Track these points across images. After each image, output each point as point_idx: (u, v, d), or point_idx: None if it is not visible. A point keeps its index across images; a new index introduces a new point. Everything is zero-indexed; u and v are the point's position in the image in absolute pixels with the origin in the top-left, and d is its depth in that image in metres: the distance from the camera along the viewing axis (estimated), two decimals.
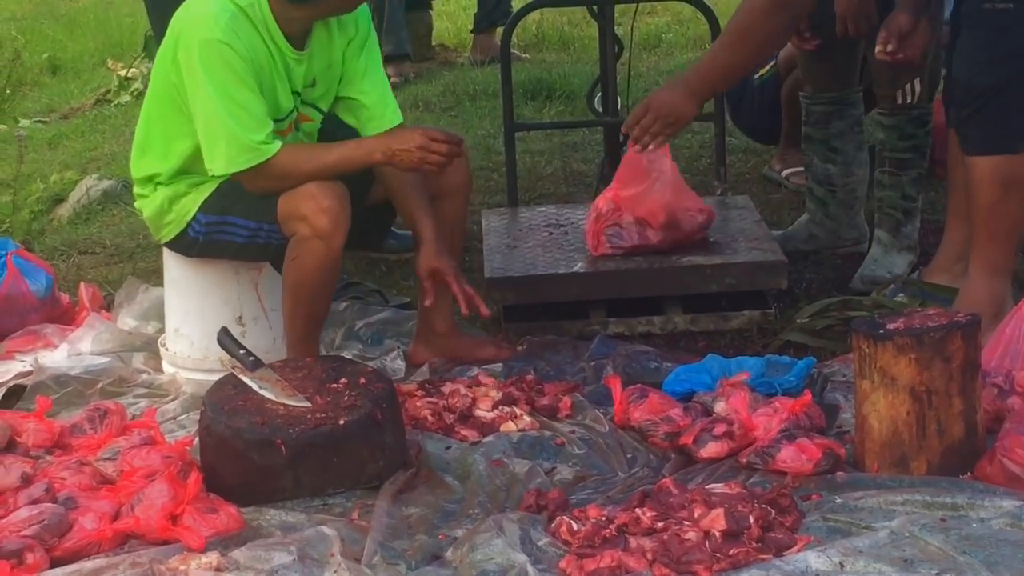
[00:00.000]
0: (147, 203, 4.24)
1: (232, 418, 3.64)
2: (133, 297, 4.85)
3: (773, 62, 5.89)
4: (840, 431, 3.83)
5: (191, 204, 4.16)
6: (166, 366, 4.47)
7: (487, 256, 4.76)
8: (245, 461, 3.59)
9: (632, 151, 4.57)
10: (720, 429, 3.74)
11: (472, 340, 4.48)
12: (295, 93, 4.13)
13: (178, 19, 4.07)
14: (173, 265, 4.39)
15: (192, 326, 4.38)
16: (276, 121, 4.05)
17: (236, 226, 4.13)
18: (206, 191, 4.14)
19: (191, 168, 4.14)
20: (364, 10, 4.22)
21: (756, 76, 5.89)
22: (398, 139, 4.05)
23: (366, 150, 4.05)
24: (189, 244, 4.23)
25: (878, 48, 4.47)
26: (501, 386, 4.12)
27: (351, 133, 4.22)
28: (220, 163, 4.00)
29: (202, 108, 3.98)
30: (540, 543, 3.30)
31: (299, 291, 4.05)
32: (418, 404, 4.02)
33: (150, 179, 4.21)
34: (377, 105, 4.23)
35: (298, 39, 4.09)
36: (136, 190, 4.30)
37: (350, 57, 4.21)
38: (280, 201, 4.01)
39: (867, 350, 3.52)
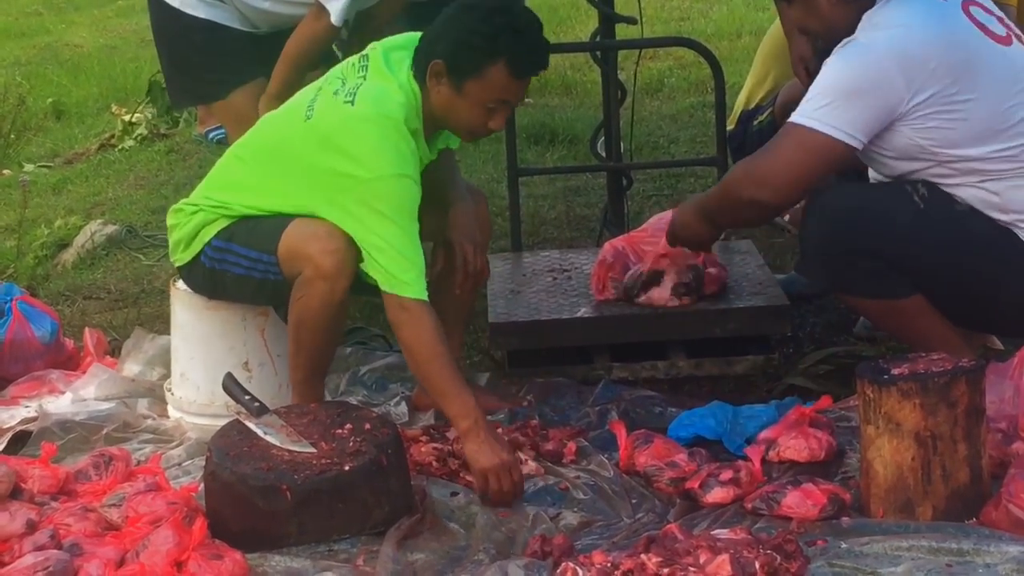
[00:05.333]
0: (178, 228, 4.21)
1: (237, 464, 3.64)
2: (140, 346, 4.85)
3: (770, 109, 5.91)
4: (845, 476, 3.83)
5: (212, 230, 4.15)
6: (171, 411, 4.48)
7: (491, 301, 4.77)
8: (250, 507, 3.59)
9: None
10: (726, 475, 3.74)
11: (475, 389, 4.47)
12: None
13: (357, 137, 3.90)
14: (180, 309, 4.40)
15: (198, 371, 4.38)
16: None
17: (237, 255, 4.11)
18: (228, 221, 4.14)
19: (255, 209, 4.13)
20: None
21: (755, 122, 5.90)
22: (498, 446, 3.81)
23: (463, 412, 3.83)
24: (197, 269, 4.22)
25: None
26: (506, 431, 4.11)
27: None
28: (415, 288, 3.87)
29: (386, 238, 3.86)
30: None
31: (301, 332, 4.05)
32: (423, 450, 4.02)
33: (221, 206, 4.14)
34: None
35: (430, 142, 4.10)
36: (172, 220, 4.25)
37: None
38: (284, 236, 3.99)
39: (871, 395, 3.52)
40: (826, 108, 3.87)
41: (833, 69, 3.93)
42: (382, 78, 3.99)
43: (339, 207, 3.92)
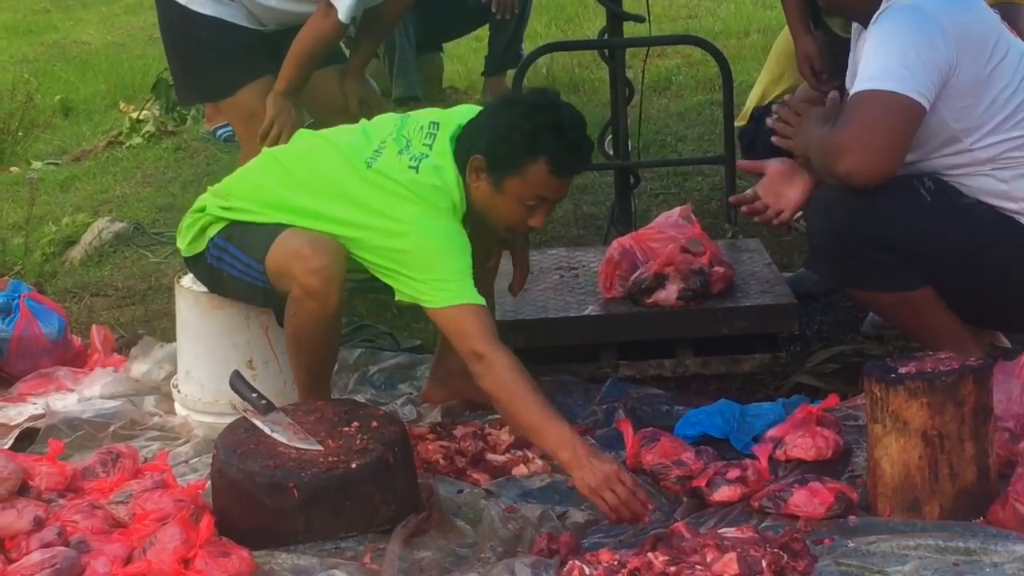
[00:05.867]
0: (191, 221, 4.21)
1: (244, 461, 3.64)
2: (148, 353, 4.85)
3: None
4: (852, 475, 3.83)
5: (218, 227, 4.14)
6: (178, 408, 4.48)
7: (498, 299, 4.75)
8: (257, 504, 3.60)
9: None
10: (733, 473, 3.74)
11: None
12: None
13: (417, 197, 3.89)
14: (185, 308, 4.41)
15: (203, 369, 4.39)
16: None
17: (233, 256, 4.10)
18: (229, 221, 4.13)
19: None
20: None
21: (767, 119, 5.90)
22: (599, 463, 3.63)
23: (559, 443, 3.66)
24: (201, 264, 4.22)
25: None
26: None
27: None
28: (468, 294, 3.84)
29: (436, 275, 3.84)
30: None
31: (299, 347, 4.05)
32: (430, 447, 4.03)
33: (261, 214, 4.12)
34: None
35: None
36: (195, 209, 4.24)
37: None
38: (269, 254, 3.96)
39: (879, 394, 3.52)
40: (900, 69, 3.80)
41: (889, 31, 3.87)
42: (443, 159, 3.94)
43: (387, 257, 3.89)
